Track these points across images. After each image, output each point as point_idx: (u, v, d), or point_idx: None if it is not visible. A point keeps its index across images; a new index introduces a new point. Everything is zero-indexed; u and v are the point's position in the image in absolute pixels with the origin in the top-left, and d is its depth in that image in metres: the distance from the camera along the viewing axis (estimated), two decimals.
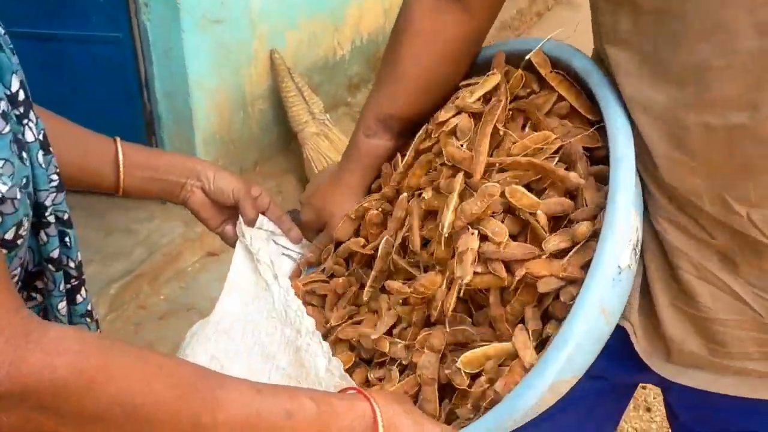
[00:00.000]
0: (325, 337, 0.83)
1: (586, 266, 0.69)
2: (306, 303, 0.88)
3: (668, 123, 0.73)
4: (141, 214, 2.56)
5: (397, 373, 0.77)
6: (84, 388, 0.50)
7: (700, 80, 0.68)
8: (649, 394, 2.04)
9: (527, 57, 0.82)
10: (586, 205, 0.73)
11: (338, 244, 0.92)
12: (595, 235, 0.70)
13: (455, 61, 0.91)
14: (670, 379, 0.84)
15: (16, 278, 0.59)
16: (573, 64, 0.78)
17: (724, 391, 0.82)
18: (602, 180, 0.74)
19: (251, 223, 0.92)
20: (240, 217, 0.92)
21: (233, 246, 0.95)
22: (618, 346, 0.83)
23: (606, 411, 1.04)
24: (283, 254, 0.95)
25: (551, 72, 0.80)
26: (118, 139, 0.86)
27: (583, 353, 0.68)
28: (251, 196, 0.92)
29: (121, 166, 0.85)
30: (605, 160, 0.74)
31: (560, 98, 0.80)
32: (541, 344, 0.71)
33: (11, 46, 0.58)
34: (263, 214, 0.93)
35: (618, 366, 0.88)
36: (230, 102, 2.68)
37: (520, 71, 0.82)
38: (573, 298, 0.68)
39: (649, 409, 2.02)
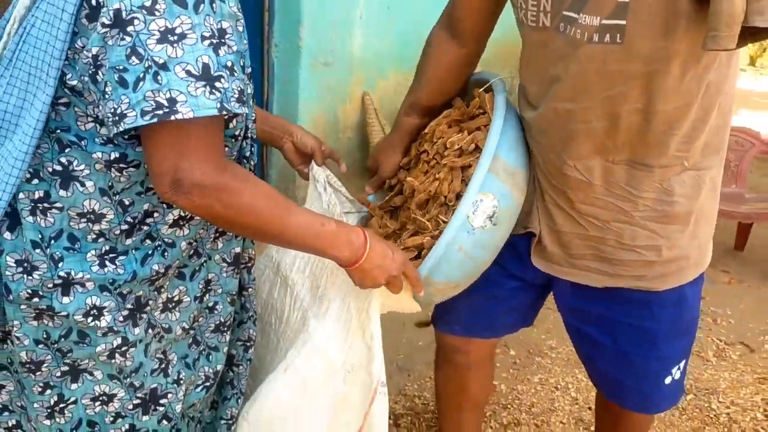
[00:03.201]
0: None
1: None
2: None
3: (538, 109, 1.29)
4: None
5: None
6: (240, 194, 1.04)
7: (554, 83, 1.25)
8: None
9: (483, 89, 1.42)
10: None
11: (383, 182, 1.55)
12: None
13: (454, 75, 1.47)
14: (538, 267, 1.39)
15: (233, 158, 1.19)
16: (495, 94, 1.37)
17: (569, 278, 1.38)
18: None
19: (320, 165, 1.52)
20: (312, 161, 1.51)
21: (305, 179, 1.53)
22: (527, 254, 1.39)
23: (523, 302, 1.56)
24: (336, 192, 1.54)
25: (490, 108, 1.38)
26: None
27: (446, 269, 1.27)
28: (321, 149, 1.51)
29: None
30: None
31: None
32: None
33: None
34: (330, 157, 1.53)
35: (526, 268, 1.43)
36: (327, 128, 3.33)
37: (477, 100, 1.42)
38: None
39: None
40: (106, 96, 0.96)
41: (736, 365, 2.67)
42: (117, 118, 0.95)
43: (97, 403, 1.19)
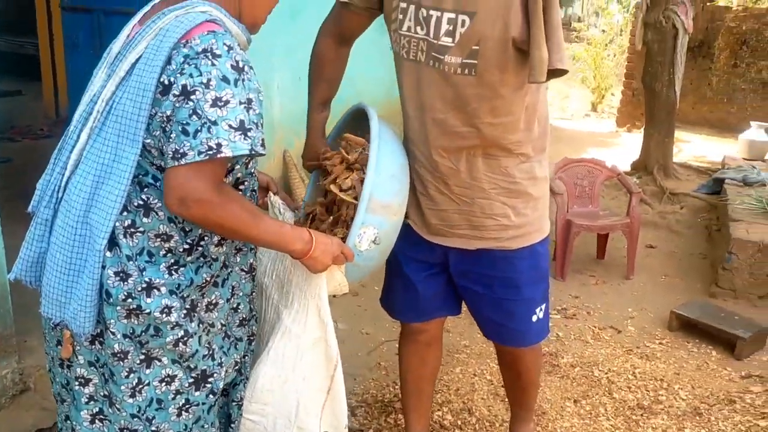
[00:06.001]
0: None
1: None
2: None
3: (418, 119, 1.83)
4: None
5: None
6: (227, 207, 1.35)
7: (431, 100, 1.78)
8: None
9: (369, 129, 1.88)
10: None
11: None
12: None
13: (343, 69, 1.96)
14: (430, 240, 1.92)
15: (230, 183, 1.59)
16: (371, 123, 1.74)
17: (452, 245, 1.92)
18: None
19: (275, 193, 1.92)
20: (269, 192, 1.82)
21: (263, 207, 1.79)
22: (421, 241, 1.93)
23: (439, 288, 2.06)
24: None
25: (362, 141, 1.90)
26: None
27: (352, 273, 1.73)
28: (274, 183, 1.93)
29: None
30: None
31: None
32: None
33: None
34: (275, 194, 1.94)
35: (422, 250, 1.96)
36: None
37: (357, 140, 1.91)
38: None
39: None
40: (170, 140, 1.34)
41: (609, 343, 3.35)
42: (179, 155, 1.33)
43: (163, 384, 1.55)
